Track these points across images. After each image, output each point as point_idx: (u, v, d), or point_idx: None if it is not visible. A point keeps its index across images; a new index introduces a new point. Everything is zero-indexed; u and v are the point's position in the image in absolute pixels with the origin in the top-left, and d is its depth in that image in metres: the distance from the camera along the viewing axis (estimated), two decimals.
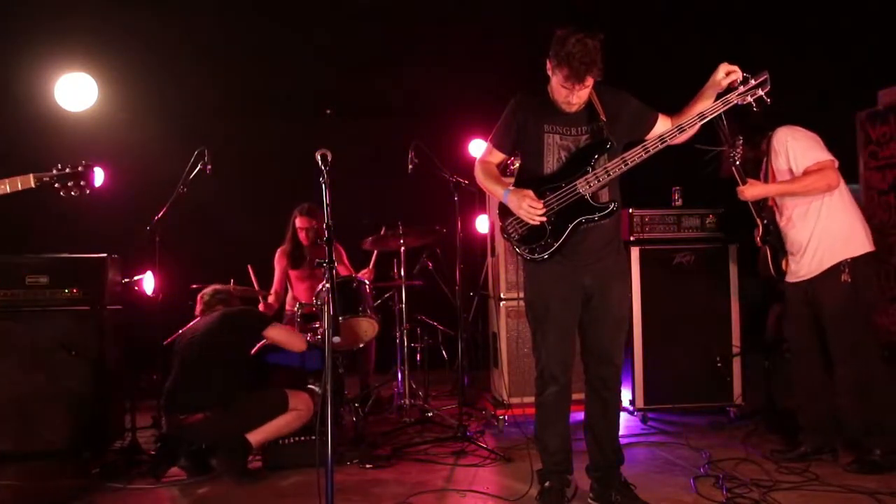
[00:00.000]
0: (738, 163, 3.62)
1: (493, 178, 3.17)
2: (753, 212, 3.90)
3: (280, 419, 3.87)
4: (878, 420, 3.57)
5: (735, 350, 4.74)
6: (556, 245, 3.00)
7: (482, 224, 6.15)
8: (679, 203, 4.91)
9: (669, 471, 3.69)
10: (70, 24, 5.86)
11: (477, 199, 5.32)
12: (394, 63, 6.72)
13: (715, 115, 2.91)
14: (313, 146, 2.91)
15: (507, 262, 4.81)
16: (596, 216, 2.97)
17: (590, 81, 2.88)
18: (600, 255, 3.07)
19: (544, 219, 2.96)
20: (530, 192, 2.97)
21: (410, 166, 4.66)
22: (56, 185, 2.86)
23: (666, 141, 2.92)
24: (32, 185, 2.82)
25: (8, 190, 2.77)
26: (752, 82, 2.88)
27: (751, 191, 3.70)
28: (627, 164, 2.92)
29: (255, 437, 3.82)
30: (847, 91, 5.84)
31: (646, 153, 2.91)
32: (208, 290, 4.34)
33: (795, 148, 3.63)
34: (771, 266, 3.89)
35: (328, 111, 6.92)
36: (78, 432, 4.08)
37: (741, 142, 3.59)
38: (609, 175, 2.94)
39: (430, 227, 5.14)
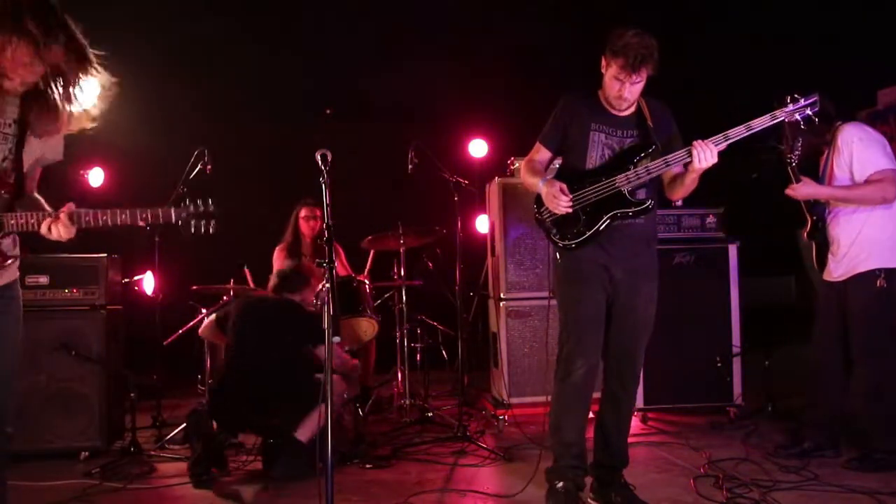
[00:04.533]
0: (794, 164, 3.57)
1: (536, 172, 3.16)
2: (804, 207, 3.85)
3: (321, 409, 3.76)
4: (888, 422, 3.57)
5: (735, 350, 4.74)
6: (588, 234, 3.03)
7: (482, 224, 6.14)
8: (679, 203, 4.91)
9: (669, 471, 3.69)
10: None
11: (477, 199, 5.32)
12: (394, 63, 6.73)
13: (762, 128, 2.90)
14: (313, 146, 2.91)
15: (508, 262, 4.82)
16: (631, 210, 3.01)
17: (643, 75, 2.92)
18: (634, 254, 3.09)
19: (569, 209, 2.97)
20: (563, 185, 2.99)
21: (410, 166, 4.67)
22: (192, 222, 2.57)
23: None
24: (173, 220, 2.56)
25: (150, 220, 2.58)
26: (802, 102, 2.90)
27: (804, 190, 3.63)
28: (669, 164, 2.97)
29: (304, 434, 3.70)
30: (847, 91, 5.84)
31: (688, 155, 2.91)
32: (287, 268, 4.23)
33: (861, 151, 3.56)
34: (815, 262, 3.85)
35: (328, 111, 6.93)
36: (78, 432, 4.09)
37: (800, 143, 3.56)
38: (649, 173, 2.98)
39: (430, 227, 5.14)
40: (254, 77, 6.68)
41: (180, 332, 5.26)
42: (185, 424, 4.46)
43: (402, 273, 5.13)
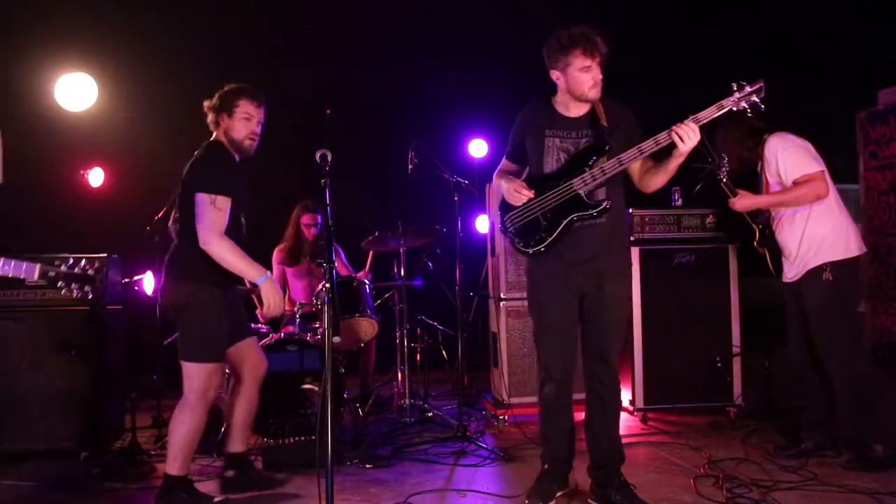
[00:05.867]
0: (724, 179, 3.75)
1: (503, 178, 3.26)
2: (748, 218, 4.01)
3: (179, 431, 3.19)
4: (875, 415, 3.62)
5: (735, 350, 4.74)
6: (550, 239, 3.09)
7: (482, 224, 6.15)
8: (679, 203, 4.91)
9: (669, 471, 3.69)
10: (70, 24, 5.86)
11: (477, 199, 5.32)
12: (393, 62, 6.72)
13: (709, 118, 2.91)
14: (313, 146, 2.91)
15: (507, 262, 4.82)
16: (589, 213, 3.06)
17: (602, 51, 2.99)
18: (595, 254, 3.11)
19: (530, 194, 3.08)
20: (522, 182, 3.12)
21: (410, 166, 4.67)
22: (59, 284, 2.51)
23: (660, 143, 2.95)
24: (35, 277, 2.51)
25: (10, 274, 2.50)
26: (748, 89, 2.88)
27: (741, 202, 3.82)
28: (622, 163, 2.99)
29: (171, 466, 3.21)
30: (847, 91, 5.84)
31: (640, 153, 2.97)
32: None
33: (785, 159, 3.72)
34: (771, 267, 4.00)
35: (328, 111, 6.93)
36: (78, 432, 4.09)
37: (726, 160, 3.73)
38: (605, 174, 3.01)
39: (430, 227, 5.14)
40: (254, 77, 6.65)
41: None
42: None
43: (402, 273, 5.13)
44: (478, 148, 6.94)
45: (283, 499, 3.45)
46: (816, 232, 3.69)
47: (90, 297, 2.52)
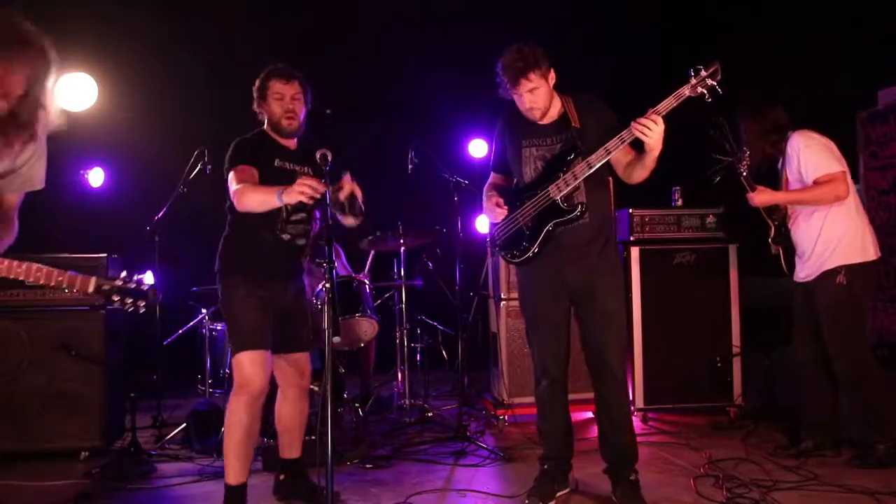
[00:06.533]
0: (745, 173, 3.72)
1: (486, 194, 3.36)
2: (764, 214, 3.97)
3: (226, 430, 3.10)
4: (878, 413, 3.62)
5: (735, 350, 4.74)
6: (533, 248, 3.15)
7: (482, 224, 6.14)
8: (679, 203, 4.91)
9: (669, 471, 3.69)
10: (70, 24, 5.85)
11: (477, 199, 5.32)
12: (393, 63, 6.72)
13: (669, 109, 2.85)
14: (313, 146, 2.91)
15: None
16: (566, 218, 3.10)
17: (534, 80, 3.01)
18: (579, 254, 3.13)
19: (504, 212, 3.17)
20: (499, 199, 3.20)
21: (410, 166, 4.67)
22: (115, 297, 2.44)
23: (624, 140, 2.92)
24: (90, 289, 2.44)
25: (65, 285, 2.45)
26: (703, 73, 2.83)
27: (760, 197, 3.78)
28: (592, 165, 3.00)
29: (225, 473, 3.13)
30: (847, 91, 5.83)
31: (607, 153, 2.97)
32: None
33: (808, 157, 3.68)
34: (784, 265, 3.98)
35: (328, 111, 6.93)
36: (78, 432, 4.09)
37: (747, 154, 3.70)
38: (576, 178, 3.03)
39: (430, 227, 5.14)
40: (254, 77, 6.67)
41: (180, 332, 5.25)
42: (184, 424, 4.47)
43: (402, 273, 5.13)
44: (478, 148, 6.93)
45: (284, 499, 3.45)
46: (833, 233, 3.67)
47: (142, 311, 2.50)
